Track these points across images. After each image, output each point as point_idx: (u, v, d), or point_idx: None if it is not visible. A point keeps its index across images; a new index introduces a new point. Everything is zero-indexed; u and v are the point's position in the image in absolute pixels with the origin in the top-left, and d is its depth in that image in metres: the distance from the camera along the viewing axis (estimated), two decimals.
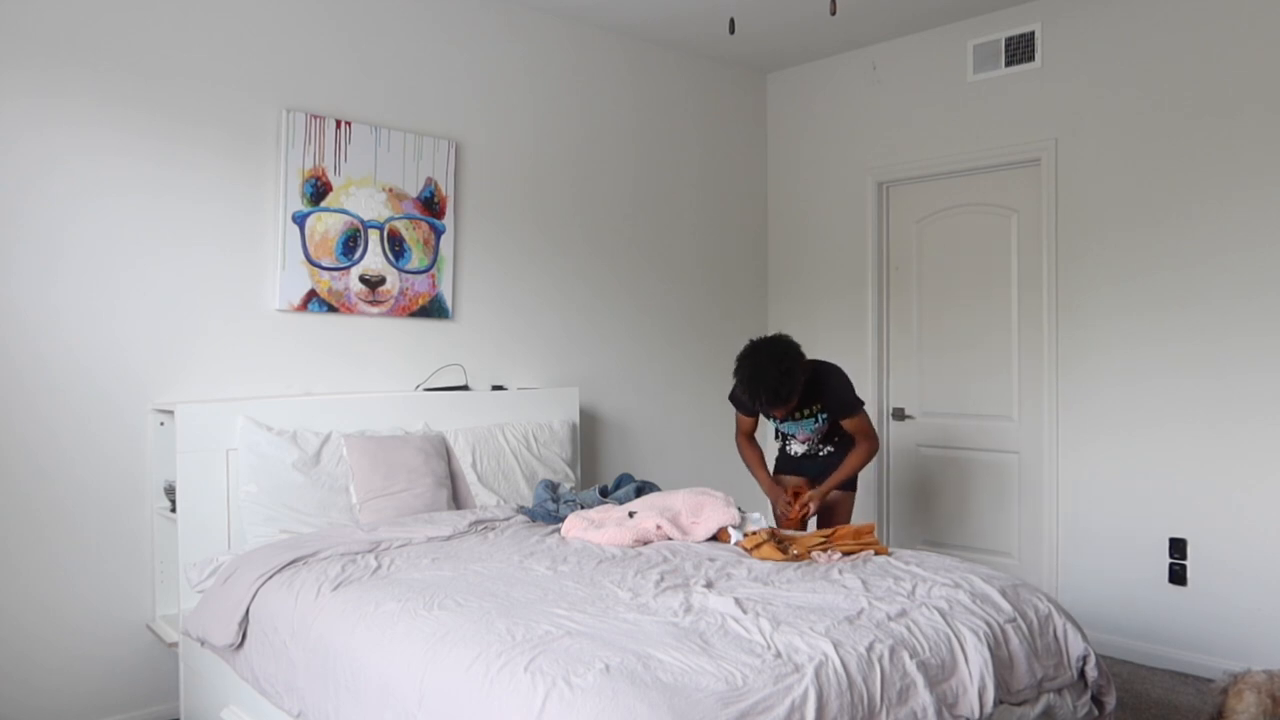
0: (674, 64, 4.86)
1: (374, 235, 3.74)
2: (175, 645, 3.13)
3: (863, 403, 3.55)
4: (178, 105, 3.30)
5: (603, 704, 1.75)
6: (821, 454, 3.69)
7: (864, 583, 2.52)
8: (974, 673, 2.17)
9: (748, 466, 3.75)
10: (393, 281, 3.79)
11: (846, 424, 3.54)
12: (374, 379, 3.79)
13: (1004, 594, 2.48)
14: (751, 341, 3.39)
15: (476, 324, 4.11)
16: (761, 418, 3.72)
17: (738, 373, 3.35)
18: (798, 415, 3.54)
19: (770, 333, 3.49)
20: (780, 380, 3.23)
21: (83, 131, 3.11)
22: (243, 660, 2.65)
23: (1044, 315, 4.21)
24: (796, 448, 3.71)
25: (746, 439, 3.74)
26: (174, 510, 3.15)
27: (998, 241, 4.42)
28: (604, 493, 3.65)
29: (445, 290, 3.95)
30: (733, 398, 3.63)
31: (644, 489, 3.67)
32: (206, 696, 2.99)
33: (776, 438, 3.81)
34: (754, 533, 3.01)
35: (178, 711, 3.24)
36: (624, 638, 2.05)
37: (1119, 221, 3.97)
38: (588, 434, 4.51)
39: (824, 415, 3.55)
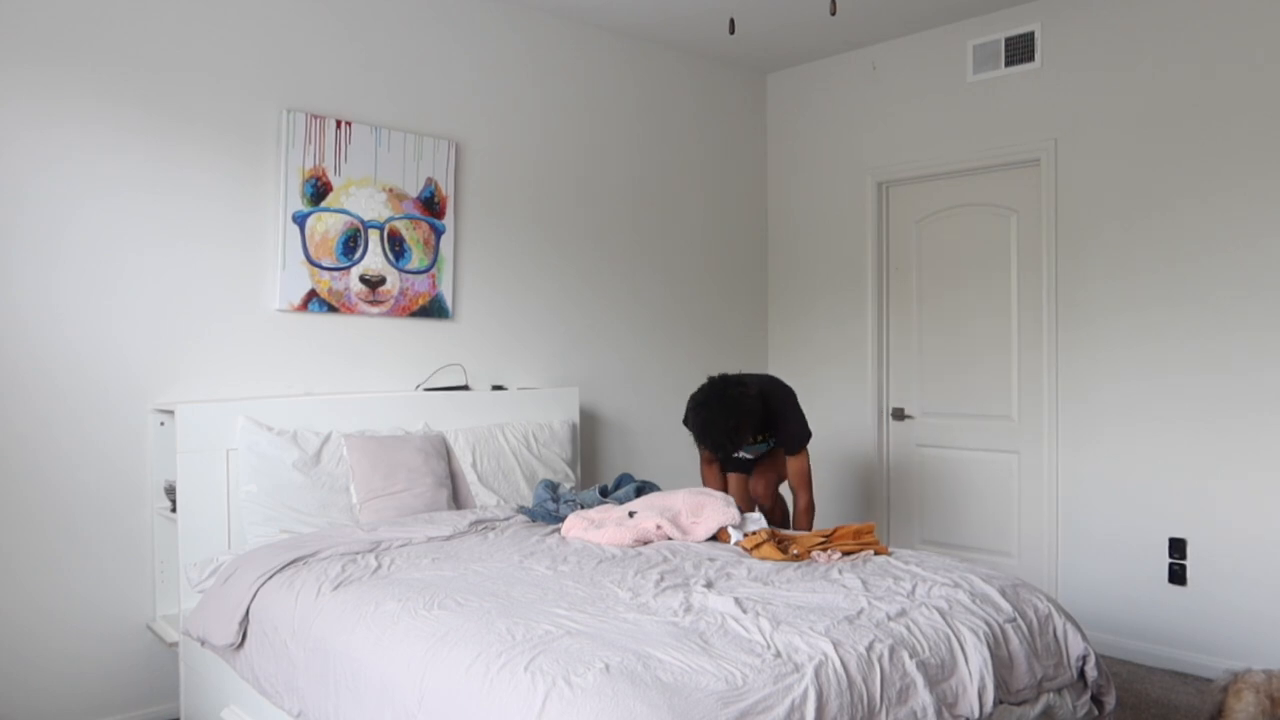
0: (674, 64, 4.86)
1: (374, 235, 3.74)
2: (175, 645, 3.13)
3: (810, 435, 3.64)
4: (178, 105, 3.30)
5: (603, 704, 1.76)
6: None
7: (864, 582, 2.52)
8: (974, 672, 2.17)
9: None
10: (393, 281, 3.79)
11: (790, 462, 3.62)
12: (374, 379, 3.79)
13: (1004, 594, 2.48)
14: (704, 390, 3.41)
15: (476, 324, 4.11)
16: None
17: (689, 420, 3.42)
18: (753, 440, 3.61)
19: (735, 371, 3.61)
20: (728, 435, 3.32)
21: (82, 131, 3.11)
22: (243, 660, 2.65)
23: (1043, 315, 4.21)
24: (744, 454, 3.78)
25: (709, 465, 3.78)
26: (174, 510, 3.15)
27: (998, 241, 4.42)
28: (604, 493, 3.65)
29: (445, 290, 3.95)
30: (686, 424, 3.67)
31: (644, 489, 3.67)
32: (206, 696, 2.99)
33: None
34: (754, 533, 3.01)
35: (178, 711, 3.24)
36: (624, 637, 2.05)
37: (1118, 221, 3.97)
38: (588, 434, 4.51)
39: (774, 440, 3.65)
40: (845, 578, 2.57)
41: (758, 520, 3.18)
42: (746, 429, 3.35)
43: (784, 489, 4.03)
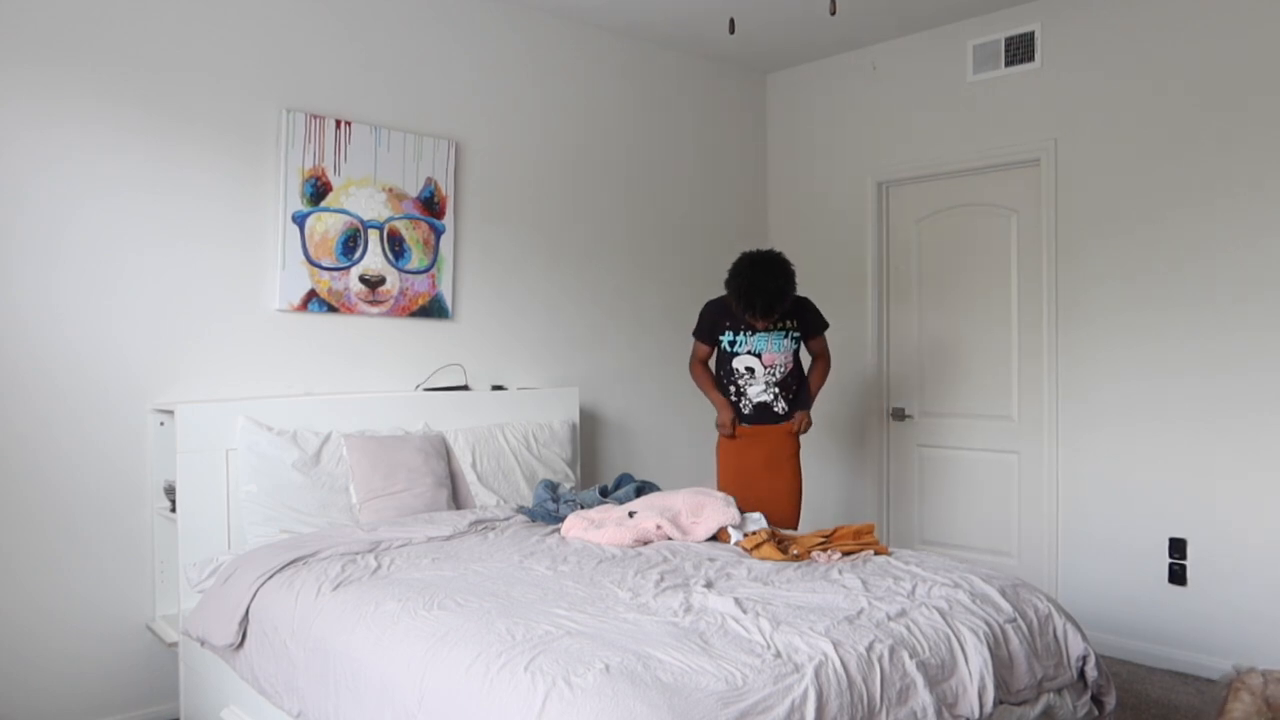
0: (674, 64, 4.86)
1: (374, 235, 3.74)
2: (175, 645, 3.13)
3: (828, 324, 3.96)
4: (178, 105, 3.30)
5: (603, 704, 1.76)
6: (776, 409, 3.78)
7: (864, 583, 2.52)
8: (974, 672, 2.17)
9: (699, 385, 3.94)
10: (393, 281, 3.79)
11: (814, 343, 3.90)
12: (374, 379, 3.79)
13: (1004, 594, 2.48)
14: (747, 255, 3.65)
15: (476, 324, 4.11)
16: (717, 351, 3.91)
17: (734, 281, 3.60)
18: (774, 326, 3.75)
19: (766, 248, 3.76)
20: (775, 294, 3.56)
21: (82, 131, 3.11)
22: (243, 660, 2.65)
23: (1044, 315, 4.21)
24: (755, 389, 3.77)
25: (702, 364, 3.94)
26: (174, 510, 3.15)
27: (998, 241, 4.42)
28: (604, 493, 3.65)
29: (445, 290, 3.95)
30: (701, 324, 3.86)
31: (644, 489, 3.67)
32: (206, 696, 2.99)
33: (730, 392, 3.83)
34: (754, 533, 3.01)
35: (178, 711, 3.24)
36: (624, 638, 2.05)
37: (1118, 221, 3.97)
38: (588, 434, 4.51)
39: (796, 335, 3.79)
40: (845, 578, 2.57)
41: (758, 520, 3.19)
42: (790, 290, 3.62)
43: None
